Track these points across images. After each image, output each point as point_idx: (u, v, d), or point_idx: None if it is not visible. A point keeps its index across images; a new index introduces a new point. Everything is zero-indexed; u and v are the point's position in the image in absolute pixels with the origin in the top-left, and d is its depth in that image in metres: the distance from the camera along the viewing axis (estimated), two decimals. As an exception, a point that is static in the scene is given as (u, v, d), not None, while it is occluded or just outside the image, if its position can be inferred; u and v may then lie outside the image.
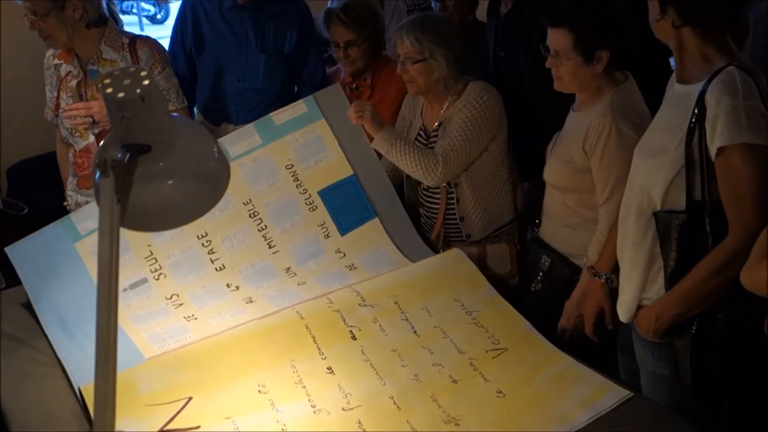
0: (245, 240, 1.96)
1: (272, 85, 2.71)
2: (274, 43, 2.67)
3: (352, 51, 2.53)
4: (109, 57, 2.33)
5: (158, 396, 1.62)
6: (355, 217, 2.13)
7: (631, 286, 1.69)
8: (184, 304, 1.88)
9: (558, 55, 1.90)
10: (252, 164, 1.97)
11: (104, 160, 0.83)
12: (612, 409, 1.60)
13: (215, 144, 0.99)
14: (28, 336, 1.92)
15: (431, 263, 2.12)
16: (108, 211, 0.80)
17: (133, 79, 0.86)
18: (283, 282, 2.00)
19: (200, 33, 2.69)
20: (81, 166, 2.43)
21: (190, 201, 0.96)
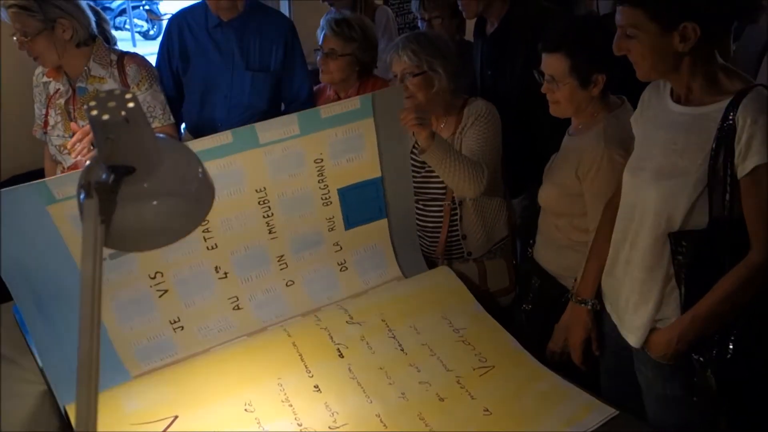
0: (245, 224, 1.86)
1: (259, 101, 2.73)
2: (260, 59, 2.69)
3: (331, 61, 2.55)
4: (98, 74, 2.34)
5: (143, 415, 1.62)
6: (366, 216, 2.08)
7: (644, 310, 1.67)
8: (169, 291, 1.79)
9: (554, 80, 1.90)
10: (280, 153, 1.85)
11: (88, 181, 0.83)
12: (598, 427, 1.60)
13: (200, 164, 1.00)
14: (16, 354, 1.91)
15: (418, 281, 2.13)
16: (92, 232, 0.81)
17: (118, 101, 0.87)
18: (272, 276, 1.95)
19: (186, 51, 2.71)
20: None
21: (174, 221, 0.97)
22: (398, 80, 2.15)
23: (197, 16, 2.70)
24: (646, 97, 1.73)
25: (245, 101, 2.71)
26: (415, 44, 2.12)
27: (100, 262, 0.80)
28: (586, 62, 1.86)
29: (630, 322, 1.72)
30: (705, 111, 1.54)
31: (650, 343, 1.68)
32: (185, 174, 0.97)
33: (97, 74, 2.33)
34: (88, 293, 0.80)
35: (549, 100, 1.96)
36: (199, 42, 2.69)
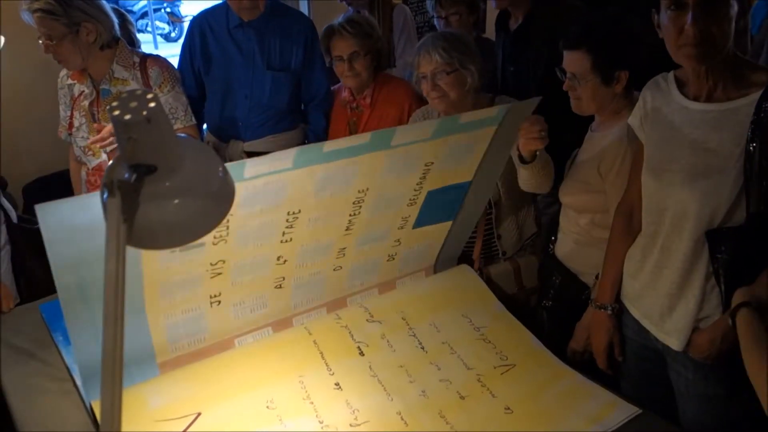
0: (329, 221, 1.80)
1: (279, 101, 2.75)
2: (280, 59, 2.71)
3: (357, 63, 2.56)
4: (121, 76, 2.37)
5: (167, 411, 1.63)
6: (437, 217, 2.03)
7: (683, 311, 1.65)
8: (222, 274, 1.74)
9: (576, 78, 1.89)
10: (400, 156, 1.76)
11: (111, 180, 0.85)
12: (620, 425, 1.59)
13: (220, 163, 1.01)
14: (42, 351, 1.95)
15: (439, 279, 2.13)
16: (114, 231, 0.82)
17: (139, 101, 0.88)
18: (325, 262, 1.91)
19: (208, 52, 2.74)
20: (93, 184, 2.47)
21: (195, 219, 0.98)
22: (428, 80, 2.13)
23: (218, 17, 2.73)
24: (648, 98, 1.70)
25: (266, 101, 2.73)
26: (445, 42, 2.11)
27: (123, 260, 0.82)
28: (608, 59, 1.85)
29: (668, 325, 1.70)
30: (733, 106, 1.52)
31: (692, 344, 1.66)
32: (206, 173, 0.98)
33: (121, 76, 2.37)
34: (111, 291, 0.81)
35: (571, 97, 1.95)
36: (221, 42, 2.72)
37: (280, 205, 1.65)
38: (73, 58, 2.26)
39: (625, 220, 1.85)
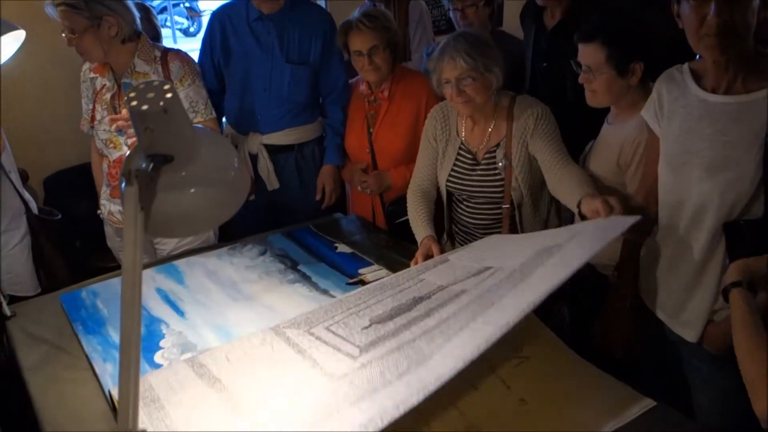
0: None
1: (298, 94, 2.76)
2: (299, 52, 2.72)
3: (377, 57, 2.56)
4: (142, 70, 2.39)
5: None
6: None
7: (699, 303, 1.65)
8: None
9: (591, 70, 1.89)
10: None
11: (129, 169, 0.86)
12: (635, 418, 1.59)
13: (236, 155, 1.03)
14: (62, 340, 1.98)
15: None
16: (132, 219, 0.84)
17: (156, 92, 0.90)
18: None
19: (228, 45, 2.75)
20: (114, 177, 2.50)
21: (211, 208, 1.00)
22: (453, 85, 2.10)
23: (239, 11, 2.74)
24: (663, 90, 1.70)
25: (284, 94, 2.74)
26: (469, 47, 2.07)
27: (140, 248, 0.84)
28: (623, 51, 1.84)
29: (684, 316, 1.70)
30: (753, 98, 1.51)
31: (707, 336, 1.66)
32: (222, 164, 0.99)
33: (142, 70, 2.39)
34: (129, 277, 0.83)
35: (586, 89, 1.94)
36: (240, 35, 2.73)
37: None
38: (95, 51, 2.29)
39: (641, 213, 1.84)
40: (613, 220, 1.70)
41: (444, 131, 2.30)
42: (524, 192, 2.17)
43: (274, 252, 2.45)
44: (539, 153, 2.11)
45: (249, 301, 2.11)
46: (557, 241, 1.76)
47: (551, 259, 1.66)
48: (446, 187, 2.29)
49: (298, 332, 1.76)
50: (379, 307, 1.79)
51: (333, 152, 2.85)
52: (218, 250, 2.49)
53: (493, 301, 1.57)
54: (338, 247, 2.48)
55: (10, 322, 2.08)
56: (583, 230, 1.76)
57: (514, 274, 1.69)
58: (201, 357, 1.74)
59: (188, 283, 2.25)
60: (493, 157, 2.18)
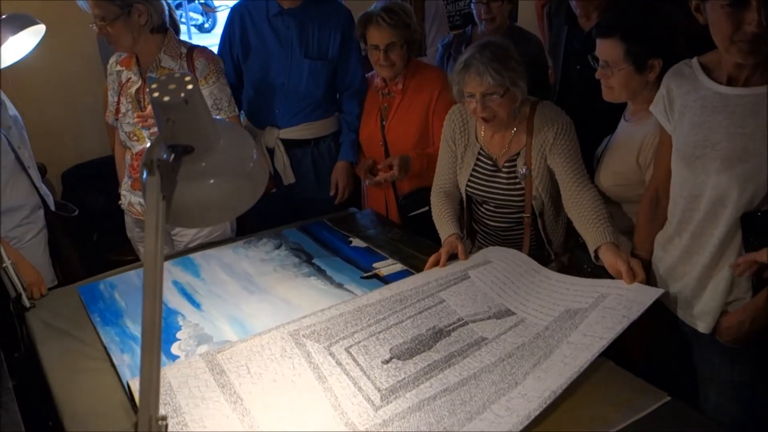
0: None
1: (315, 89, 2.77)
2: (318, 48, 2.73)
3: (392, 53, 2.56)
4: (167, 65, 2.40)
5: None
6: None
7: (713, 294, 1.65)
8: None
9: (608, 65, 1.88)
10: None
11: (151, 159, 0.88)
12: (650, 412, 1.59)
13: (254, 146, 1.04)
14: (80, 331, 2.00)
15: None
16: (154, 208, 0.85)
17: (178, 84, 0.91)
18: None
19: (247, 40, 2.77)
20: (136, 169, 2.52)
21: (229, 199, 1.01)
22: (478, 100, 2.06)
23: (259, 5, 2.75)
24: (672, 86, 1.69)
25: (302, 89, 2.75)
26: (496, 61, 2.02)
27: (161, 236, 0.85)
28: (641, 47, 1.83)
29: (697, 308, 1.69)
30: (762, 90, 1.51)
31: (720, 327, 1.66)
32: (241, 155, 1.01)
33: (167, 65, 2.41)
34: (151, 266, 0.84)
35: (603, 85, 1.93)
36: (259, 30, 2.74)
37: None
38: (124, 39, 2.31)
39: (652, 207, 1.85)
40: (638, 291, 1.73)
41: (463, 135, 2.27)
42: (545, 201, 2.16)
43: (289, 246, 2.46)
44: (556, 168, 2.09)
45: (264, 294, 2.13)
46: (582, 305, 1.77)
47: (574, 333, 1.68)
48: (466, 191, 2.28)
49: (319, 347, 1.77)
50: (398, 333, 1.80)
51: (348, 149, 2.86)
52: (234, 243, 2.51)
53: (516, 380, 1.58)
54: (353, 241, 2.50)
55: (29, 313, 2.11)
56: (607, 294, 1.77)
57: (537, 341, 1.71)
58: (220, 356, 1.75)
59: (204, 275, 2.27)
60: (514, 165, 2.15)
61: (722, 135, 1.56)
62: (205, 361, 1.74)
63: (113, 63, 2.53)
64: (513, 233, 2.26)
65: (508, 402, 1.52)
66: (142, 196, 0.90)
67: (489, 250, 2.20)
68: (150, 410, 0.81)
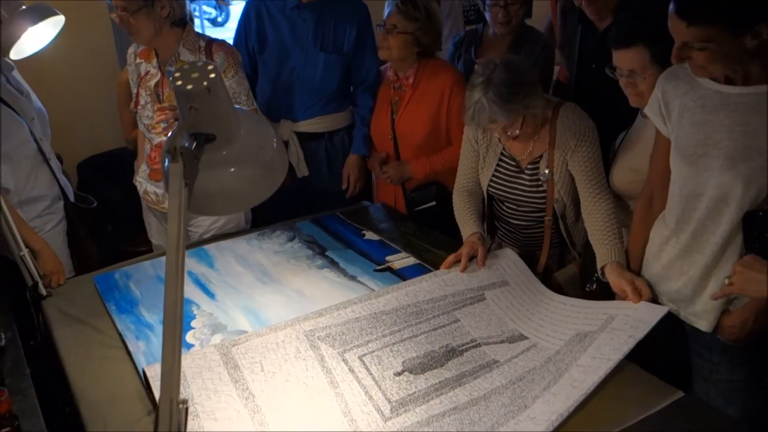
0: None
1: (330, 83, 2.77)
2: (333, 42, 2.73)
3: (392, 37, 2.56)
4: (186, 59, 2.41)
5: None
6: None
7: (714, 294, 1.65)
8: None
9: (634, 73, 1.85)
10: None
11: (174, 147, 0.89)
12: (662, 408, 1.59)
13: (275, 135, 1.05)
14: (96, 320, 2.03)
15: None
16: (176, 194, 0.86)
17: (200, 72, 0.92)
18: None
19: (263, 33, 2.77)
20: (154, 160, 2.53)
21: (249, 187, 1.02)
22: (502, 133, 2.05)
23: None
24: (668, 88, 1.67)
25: (317, 82, 2.76)
26: (503, 99, 1.94)
27: (184, 222, 0.86)
28: (665, 48, 1.80)
29: (698, 306, 1.69)
30: (762, 89, 1.50)
31: (723, 326, 1.65)
32: (261, 144, 1.02)
33: (186, 59, 2.41)
34: (173, 251, 0.85)
35: (630, 93, 1.90)
36: (276, 23, 2.75)
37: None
38: (146, 31, 2.32)
39: (646, 206, 1.86)
40: (644, 310, 1.75)
41: (485, 135, 2.23)
42: (567, 203, 2.15)
43: (302, 238, 2.48)
44: (576, 175, 2.08)
45: (278, 285, 2.15)
46: (591, 327, 1.78)
47: (583, 356, 1.69)
48: (488, 191, 2.27)
49: (333, 353, 1.78)
50: (412, 346, 1.81)
51: (360, 142, 2.87)
52: (247, 235, 2.53)
53: (526, 404, 1.59)
54: (366, 234, 2.51)
55: (46, 301, 2.13)
56: (615, 315, 1.78)
57: (548, 366, 1.71)
58: (235, 350, 1.77)
59: (218, 266, 2.28)
60: (537, 168, 2.14)
61: (724, 133, 1.56)
62: (220, 354, 1.75)
63: (132, 54, 2.54)
64: (534, 231, 2.25)
65: (516, 425, 1.53)
66: (163, 185, 0.91)
67: (508, 264, 2.17)
68: (171, 393, 0.82)
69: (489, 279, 2.09)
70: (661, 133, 1.75)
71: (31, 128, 2.37)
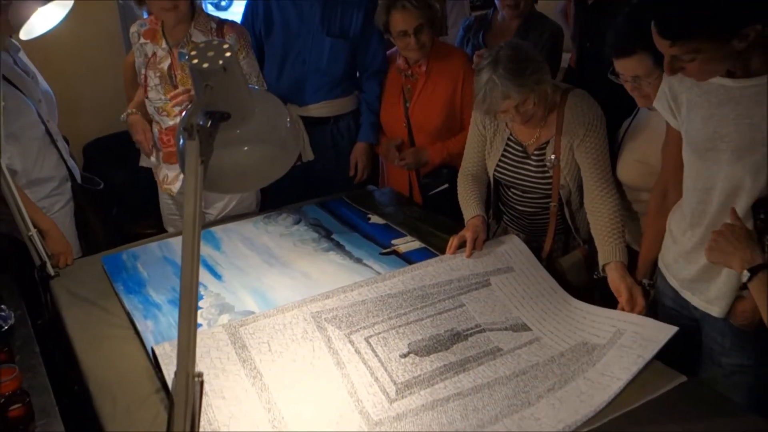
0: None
1: (336, 67, 2.77)
2: (340, 26, 2.73)
3: (423, 35, 2.55)
4: (198, 40, 2.41)
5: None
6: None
7: (727, 279, 1.66)
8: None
9: (640, 78, 1.85)
10: None
11: (191, 124, 0.90)
12: (666, 392, 1.61)
13: (288, 114, 1.06)
14: (104, 300, 2.05)
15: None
16: (193, 171, 0.87)
17: (216, 51, 0.93)
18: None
19: (270, 16, 2.77)
20: (166, 143, 2.53)
21: (263, 165, 1.03)
22: (514, 113, 2.02)
23: None
24: (674, 82, 1.67)
25: (323, 67, 2.76)
26: (513, 75, 1.94)
27: (200, 198, 0.87)
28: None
29: (711, 292, 1.70)
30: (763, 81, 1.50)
31: (736, 311, 1.67)
32: (275, 123, 1.03)
33: (198, 40, 2.41)
34: (189, 227, 0.86)
35: (637, 96, 1.91)
36: (283, 7, 2.75)
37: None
38: (186, 9, 2.36)
39: (660, 198, 1.87)
40: (653, 329, 1.75)
41: (492, 120, 2.22)
42: (572, 189, 2.16)
43: (308, 221, 2.49)
44: (582, 166, 2.08)
45: (284, 267, 2.16)
46: (600, 340, 1.78)
47: (591, 370, 1.69)
48: (494, 176, 2.27)
49: (339, 334, 1.80)
50: (418, 329, 1.82)
51: (367, 130, 2.87)
52: (254, 218, 2.54)
53: (529, 400, 1.61)
54: (371, 218, 2.52)
55: (54, 281, 2.15)
56: (624, 330, 1.78)
57: (552, 366, 1.72)
58: (242, 330, 1.78)
59: (225, 248, 2.30)
60: (544, 154, 2.15)
61: (731, 127, 1.56)
62: (228, 334, 1.77)
63: (135, 34, 2.52)
64: (539, 218, 2.26)
65: (521, 420, 1.54)
66: (179, 165, 0.92)
67: (513, 250, 2.17)
68: (187, 367, 0.84)
69: (494, 265, 2.10)
70: (671, 127, 1.75)
71: (38, 110, 2.38)
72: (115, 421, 1.57)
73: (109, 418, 1.58)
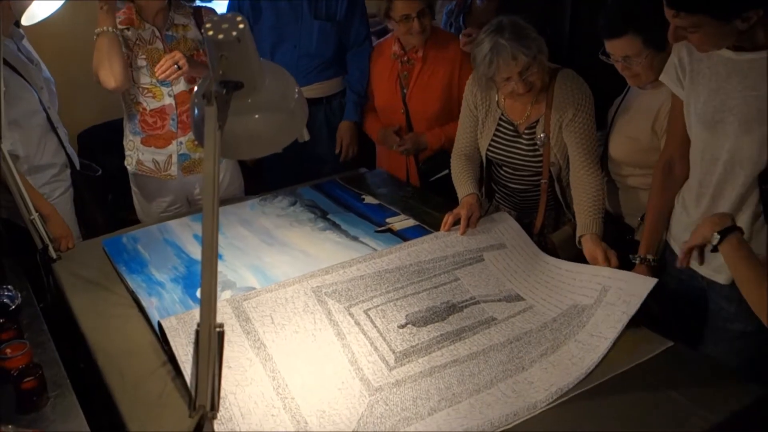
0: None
1: (325, 50, 2.83)
2: (326, 8, 2.78)
3: (425, 19, 2.58)
4: (181, 22, 2.50)
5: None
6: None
7: None
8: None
9: (629, 59, 1.89)
10: None
11: (210, 91, 0.95)
12: (653, 356, 1.67)
13: (296, 84, 1.11)
14: (106, 281, 2.09)
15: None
16: (212, 135, 0.92)
17: (230, 23, 0.98)
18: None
19: (258, 4, 2.82)
20: (150, 125, 2.57)
21: (273, 132, 1.09)
22: (515, 80, 2.06)
23: None
24: (683, 54, 1.72)
25: (313, 50, 2.81)
26: (519, 38, 2.01)
27: (218, 161, 0.92)
28: (657, 31, 1.82)
29: (717, 261, 1.71)
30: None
31: None
32: (284, 92, 1.08)
33: (180, 23, 2.49)
34: (209, 188, 0.92)
35: (627, 75, 1.96)
36: None
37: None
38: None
39: (665, 173, 1.90)
40: (634, 283, 1.82)
41: (484, 101, 2.28)
42: (562, 166, 2.22)
43: (303, 203, 2.54)
44: (569, 145, 2.15)
45: (283, 246, 2.22)
46: (588, 300, 1.85)
47: (581, 332, 1.76)
48: (486, 155, 2.33)
49: (339, 307, 1.86)
50: (415, 302, 1.89)
51: (351, 109, 2.92)
52: (250, 201, 2.59)
53: (523, 365, 1.67)
54: (365, 198, 2.57)
55: (57, 264, 2.19)
56: (608, 287, 1.85)
57: (544, 332, 1.78)
58: (246, 304, 1.84)
59: (224, 230, 2.34)
60: (534, 132, 2.21)
61: (738, 99, 1.60)
62: (232, 307, 1.82)
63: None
64: (530, 195, 2.32)
65: (515, 384, 1.60)
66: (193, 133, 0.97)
67: (505, 227, 2.24)
68: (210, 318, 0.89)
69: (487, 241, 2.16)
70: (677, 99, 1.79)
71: (40, 97, 2.41)
72: (125, 393, 1.62)
73: (118, 390, 1.63)
